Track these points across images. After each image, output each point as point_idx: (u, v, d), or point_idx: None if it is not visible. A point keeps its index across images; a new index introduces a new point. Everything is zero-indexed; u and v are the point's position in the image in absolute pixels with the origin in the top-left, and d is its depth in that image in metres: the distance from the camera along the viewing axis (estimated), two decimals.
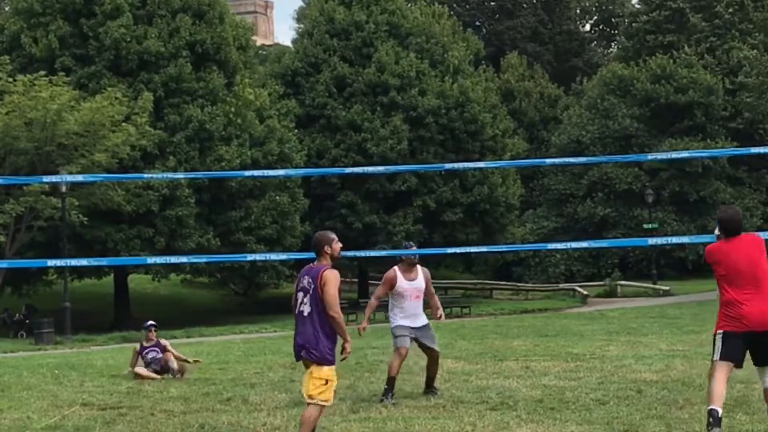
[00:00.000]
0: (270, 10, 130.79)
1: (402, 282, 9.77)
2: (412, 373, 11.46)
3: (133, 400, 10.20)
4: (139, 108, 29.80)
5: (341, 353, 7.12)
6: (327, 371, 7.00)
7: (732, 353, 7.01)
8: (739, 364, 7.11)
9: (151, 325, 13.12)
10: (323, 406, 7.08)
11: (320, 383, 6.97)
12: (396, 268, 9.86)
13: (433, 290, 10.14)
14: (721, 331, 7.10)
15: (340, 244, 7.28)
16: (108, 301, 35.79)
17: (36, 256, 28.42)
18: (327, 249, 7.16)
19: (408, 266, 9.90)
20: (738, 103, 47.04)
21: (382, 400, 9.36)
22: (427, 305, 10.12)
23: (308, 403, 7.03)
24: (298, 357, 7.16)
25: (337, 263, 7.28)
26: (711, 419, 6.81)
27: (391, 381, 9.65)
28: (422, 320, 9.89)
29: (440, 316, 10.16)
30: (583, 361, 12.90)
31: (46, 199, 27.17)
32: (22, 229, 28.35)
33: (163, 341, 12.95)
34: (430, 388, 9.91)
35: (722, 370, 7.00)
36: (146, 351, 12.74)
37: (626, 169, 47.68)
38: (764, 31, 44.47)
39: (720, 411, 6.85)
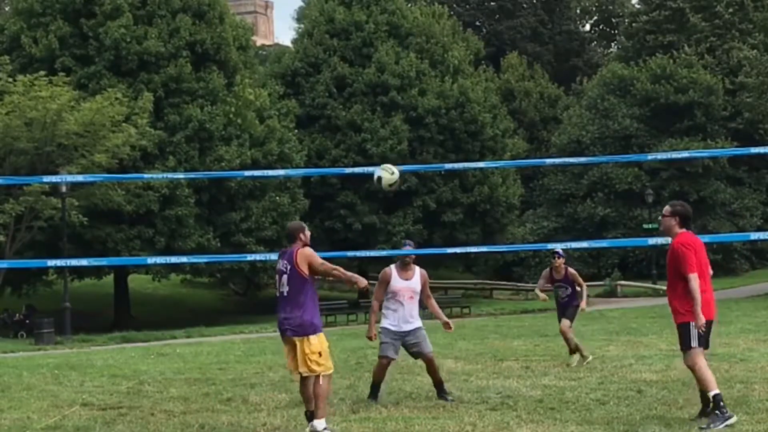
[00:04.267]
0: (270, 10, 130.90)
1: (396, 280, 9.46)
2: (413, 373, 11.46)
3: (133, 400, 10.20)
4: (139, 108, 29.79)
5: (354, 285, 7.67)
6: (315, 341, 7.37)
7: (705, 340, 7.67)
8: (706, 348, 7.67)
9: None
10: (329, 374, 7.56)
11: (315, 356, 7.36)
12: (392, 266, 9.59)
13: (429, 292, 9.80)
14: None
15: (309, 232, 7.91)
16: (108, 301, 35.79)
17: (36, 256, 28.41)
18: (301, 236, 7.71)
19: (404, 265, 9.62)
20: (738, 103, 47.00)
21: (371, 403, 9.22)
22: (423, 305, 9.89)
23: (314, 376, 7.40)
24: (283, 334, 7.61)
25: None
26: (722, 402, 7.24)
27: (374, 387, 9.43)
28: (413, 323, 9.49)
29: (447, 324, 9.76)
30: None
31: (46, 199, 27.16)
32: (22, 229, 28.34)
33: None
34: (441, 393, 9.50)
35: (703, 356, 7.60)
36: None
37: (626, 169, 47.68)
38: (764, 31, 44.41)
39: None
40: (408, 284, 9.49)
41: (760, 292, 36.81)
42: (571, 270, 12.66)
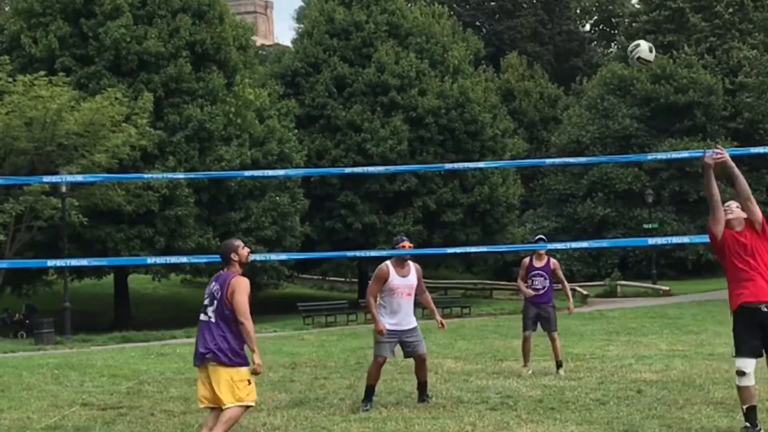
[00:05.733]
0: (270, 10, 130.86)
1: (394, 278, 9.22)
2: (413, 372, 11.45)
3: (133, 400, 10.19)
4: (139, 108, 29.79)
5: (253, 366, 6.94)
6: (245, 371, 6.89)
7: None
8: None
9: None
10: (249, 406, 7.05)
11: (244, 385, 6.87)
12: (388, 263, 9.37)
13: (424, 287, 9.62)
14: None
15: (247, 250, 7.19)
16: (108, 301, 35.79)
17: (36, 256, 28.41)
18: (234, 256, 7.05)
19: (400, 261, 9.40)
20: (738, 103, 47.04)
21: (359, 408, 9.01)
22: (417, 304, 9.72)
23: (229, 407, 6.82)
24: (201, 362, 6.93)
25: (245, 269, 7.18)
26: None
27: (368, 389, 9.20)
28: (410, 322, 9.37)
29: (441, 324, 9.56)
30: (583, 361, 12.90)
31: (46, 199, 27.16)
32: (22, 229, 28.35)
33: None
34: (422, 395, 9.38)
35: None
36: None
37: (626, 169, 47.69)
38: (764, 31, 44.47)
39: None
40: (405, 281, 9.29)
41: None
42: (553, 260, 11.84)
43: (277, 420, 8.54)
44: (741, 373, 6.81)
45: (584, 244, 17.08)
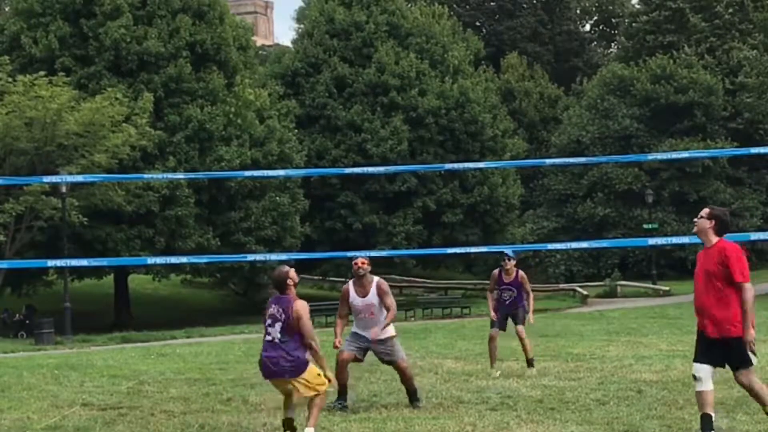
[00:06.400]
0: (270, 11, 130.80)
1: (354, 298, 8.99)
2: (412, 374, 11.46)
3: (133, 401, 10.19)
4: (139, 108, 29.81)
5: (328, 381, 7.61)
6: (313, 369, 7.52)
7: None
8: None
9: None
10: (326, 391, 7.68)
11: (314, 378, 7.48)
12: (350, 282, 9.12)
13: (390, 302, 8.99)
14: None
15: (294, 271, 7.71)
16: (108, 301, 35.79)
17: (36, 256, 28.42)
18: (289, 282, 7.64)
19: (359, 279, 9.01)
20: (738, 103, 47.02)
21: (333, 406, 8.86)
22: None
23: (313, 398, 7.53)
24: (273, 377, 7.61)
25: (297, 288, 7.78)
26: None
27: (340, 388, 8.95)
28: (385, 333, 8.97)
29: (375, 336, 8.91)
30: (583, 361, 12.90)
31: (46, 199, 27.17)
32: (22, 229, 28.35)
33: None
34: (412, 400, 9.13)
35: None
36: None
37: (626, 169, 47.70)
38: (764, 31, 44.40)
39: None
40: (364, 301, 9.00)
41: (760, 292, 36.76)
42: (521, 273, 11.85)
43: (278, 420, 8.53)
44: (694, 377, 6.95)
45: (584, 244, 17.06)
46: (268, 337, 7.56)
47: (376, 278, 9.12)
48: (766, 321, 20.06)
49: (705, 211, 7.01)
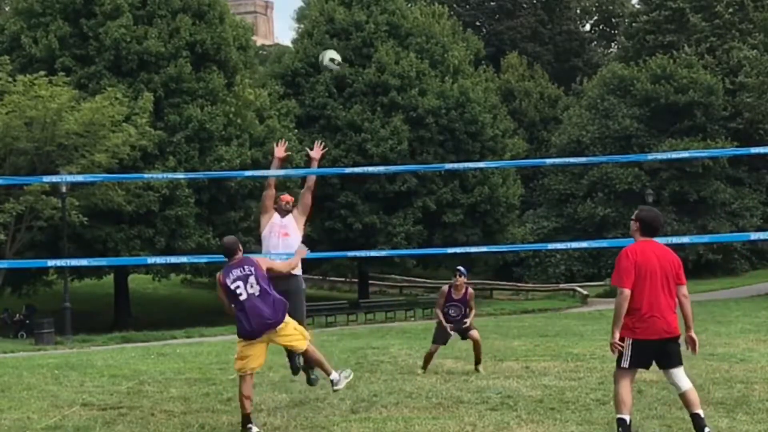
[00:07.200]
0: (270, 10, 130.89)
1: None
2: (413, 373, 11.47)
3: (134, 401, 10.19)
4: (139, 108, 29.81)
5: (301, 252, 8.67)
6: (290, 320, 7.95)
7: (641, 361, 6.94)
8: (646, 368, 7.16)
9: None
10: (311, 340, 8.19)
11: (298, 333, 7.99)
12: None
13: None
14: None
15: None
16: (108, 301, 35.80)
17: (36, 256, 28.43)
18: (240, 246, 8.16)
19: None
20: (738, 103, 47.02)
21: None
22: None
23: (306, 350, 8.09)
24: (267, 329, 7.87)
25: None
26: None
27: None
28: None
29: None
30: (583, 361, 12.90)
31: (46, 199, 27.17)
32: (22, 229, 28.35)
33: None
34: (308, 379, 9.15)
35: (630, 377, 6.95)
36: None
37: (626, 169, 47.70)
38: (764, 31, 44.39)
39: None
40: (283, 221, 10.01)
41: (760, 292, 36.84)
42: (470, 290, 12.03)
43: (278, 420, 8.54)
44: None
45: (584, 244, 17.05)
46: (251, 291, 7.75)
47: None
48: (767, 321, 20.07)
49: (635, 212, 7.18)
